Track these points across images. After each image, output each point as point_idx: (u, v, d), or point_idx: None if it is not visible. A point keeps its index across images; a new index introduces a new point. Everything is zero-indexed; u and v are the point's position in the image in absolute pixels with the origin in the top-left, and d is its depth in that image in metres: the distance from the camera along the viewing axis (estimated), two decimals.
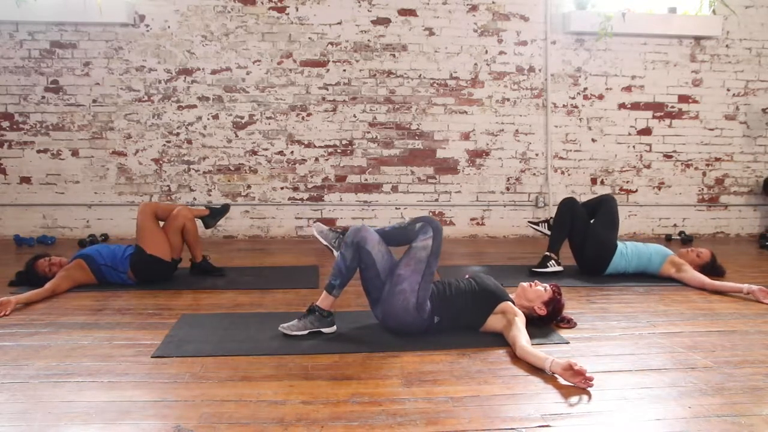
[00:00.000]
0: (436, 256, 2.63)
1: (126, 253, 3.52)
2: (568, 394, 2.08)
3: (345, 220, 5.36)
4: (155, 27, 5.07)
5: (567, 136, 5.53)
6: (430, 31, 5.28)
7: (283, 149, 5.29)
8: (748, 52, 5.61)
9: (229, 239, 5.30)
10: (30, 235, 5.08)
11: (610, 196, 4.01)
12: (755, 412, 1.97)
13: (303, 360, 2.38)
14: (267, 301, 3.28)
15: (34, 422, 1.84)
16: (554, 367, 2.18)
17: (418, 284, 2.58)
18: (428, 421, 1.87)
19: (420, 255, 2.59)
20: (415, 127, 5.37)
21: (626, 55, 5.48)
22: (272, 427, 1.82)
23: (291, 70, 5.21)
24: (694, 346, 2.59)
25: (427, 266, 2.60)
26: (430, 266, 2.61)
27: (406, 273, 2.58)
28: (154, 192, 5.23)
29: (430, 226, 2.63)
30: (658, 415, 1.94)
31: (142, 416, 1.88)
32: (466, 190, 5.47)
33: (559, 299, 2.78)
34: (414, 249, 2.61)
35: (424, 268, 2.59)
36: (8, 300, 2.97)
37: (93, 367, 2.28)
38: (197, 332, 2.69)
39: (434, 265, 2.63)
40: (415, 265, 2.58)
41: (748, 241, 5.63)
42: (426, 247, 2.59)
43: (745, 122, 5.70)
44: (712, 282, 3.56)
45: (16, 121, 5.09)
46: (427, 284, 2.61)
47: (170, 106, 5.16)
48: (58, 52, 5.04)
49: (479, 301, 2.69)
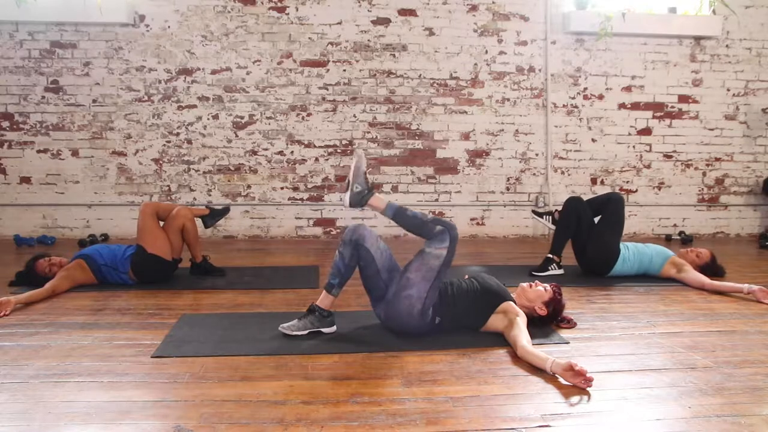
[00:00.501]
0: (448, 266, 2.61)
1: (126, 254, 3.52)
2: (568, 394, 2.08)
3: (345, 220, 5.36)
4: (155, 27, 5.07)
5: (567, 136, 5.53)
6: (430, 31, 5.28)
7: (283, 149, 5.29)
8: (748, 52, 5.61)
9: (229, 239, 5.30)
10: (30, 235, 5.08)
11: (618, 195, 3.92)
12: (755, 412, 1.96)
13: (303, 360, 2.38)
14: (267, 301, 3.28)
15: (34, 422, 1.84)
16: (555, 368, 2.18)
17: (426, 292, 2.57)
18: (428, 421, 1.86)
19: (432, 263, 2.56)
20: (415, 127, 5.37)
21: (626, 55, 5.49)
22: (272, 427, 1.82)
23: (291, 70, 5.21)
24: (694, 346, 2.59)
25: (437, 276, 2.58)
26: (440, 276, 2.60)
27: (415, 279, 2.56)
28: (154, 192, 5.23)
29: (449, 234, 2.58)
30: (658, 415, 1.94)
31: (142, 416, 1.88)
32: (466, 190, 5.47)
33: (559, 299, 2.77)
34: (427, 255, 2.58)
35: (434, 277, 2.57)
36: (8, 300, 2.97)
37: (93, 367, 2.28)
38: (197, 332, 2.69)
39: (444, 275, 2.62)
40: (425, 273, 2.56)
41: (748, 241, 5.63)
42: (440, 256, 2.57)
43: (745, 122, 5.71)
44: (712, 282, 3.56)
45: (16, 121, 5.09)
46: (434, 292, 2.60)
47: (170, 106, 5.16)
48: (58, 52, 5.04)
49: (481, 300, 2.69)
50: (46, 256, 3.52)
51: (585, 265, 3.92)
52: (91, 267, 3.45)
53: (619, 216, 3.85)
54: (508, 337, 2.52)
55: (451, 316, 2.66)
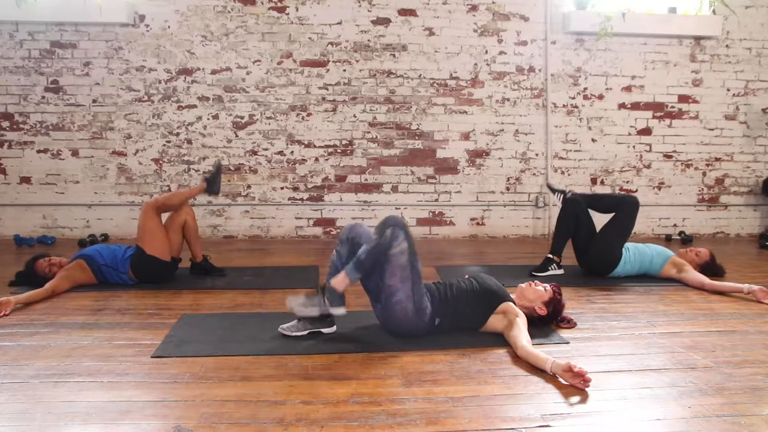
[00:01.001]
0: (414, 253, 2.59)
1: (126, 254, 3.52)
2: (568, 394, 2.08)
3: (345, 219, 5.36)
4: (155, 27, 5.07)
5: (567, 136, 5.53)
6: (430, 31, 5.28)
7: (283, 149, 5.29)
8: (748, 52, 5.61)
9: (229, 239, 5.30)
10: (30, 235, 5.08)
11: (633, 199, 3.83)
12: (755, 412, 1.96)
13: (303, 360, 2.38)
14: (267, 301, 3.27)
15: (34, 422, 1.84)
16: (555, 368, 2.18)
17: (411, 290, 2.55)
18: (428, 421, 1.86)
19: (401, 261, 2.54)
20: (415, 127, 5.37)
21: (626, 55, 5.49)
22: (272, 427, 1.82)
23: (291, 70, 5.21)
24: (694, 346, 2.59)
25: (412, 268, 2.56)
26: (415, 266, 2.58)
27: (395, 283, 2.54)
28: (154, 192, 5.23)
29: (399, 228, 2.54)
30: (658, 415, 1.94)
31: (142, 416, 1.88)
32: (466, 190, 5.47)
33: (559, 299, 2.77)
34: (393, 257, 2.54)
35: (410, 272, 2.55)
36: (8, 300, 2.97)
37: (93, 367, 2.28)
38: (197, 332, 2.69)
39: (417, 263, 2.60)
40: (401, 273, 2.54)
41: (748, 241, 5.63)
42: (403, 251, 2.54)
43: (745, 122, 5.71)
44: (712, 282, 3.56)
45: (16, 121, 5.09)
46: (418, 285, 2.59)
47: (170, 106, 5.16)
48: (58, 52, 5.04)
49: (480, 301, 2.68)
50: (46, 256, 3.52)
51: (586, 265, 3.92)
52: (92, 267, 3.45)
53: (630, 220, 3.82)
54: (508, 337, 2.52)
55: (451, 317, 2.66)
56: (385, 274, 2.56)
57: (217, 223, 5.30)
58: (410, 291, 2.55)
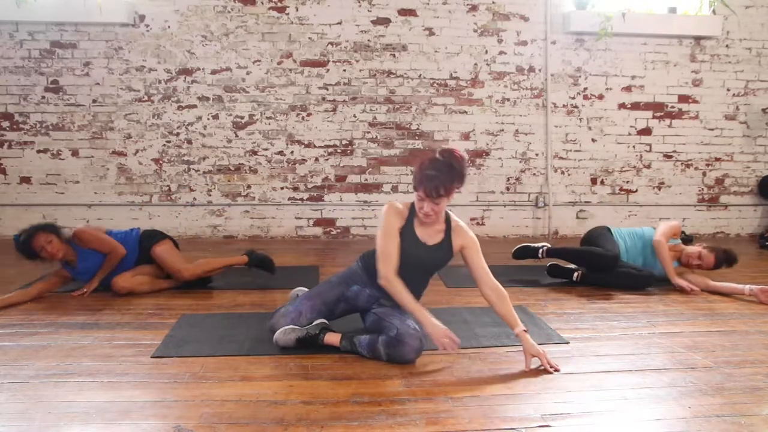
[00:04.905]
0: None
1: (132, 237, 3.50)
2: (568, 394, 2.08)
3: (345, 219, 5.36)
4: (155, 27, 5.07)
5: (567, 136, 5.53)
6: (430, 31, 5.28)
7: (283, 149, 5.29)
8: (748, 52, 5.61)
9: (229, 239, 5.30)
10: None
11: (613, 262, 3.59)
12: (755, 412, 1.97)
13: (303, 360, 2.38)
14: (267, 301, 3.28)
15: (34, 422, 1.84)
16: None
17: (414, 321, 2.38)
18: (428, 421, 1.86)
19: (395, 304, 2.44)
20: (415, 127, 5.36)
21: (626, 55, 5.48)
22: (272, 427, 1.82)
23: (291, 70, 5.21)
24: (694, 346, 2.59)
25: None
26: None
27: (401, 323, 2.38)
28: (154, 192, 5.23)
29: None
30: (658, 415, 1.94)
31: (142, 416, 1.88)
32: (466, 190, 5.47)
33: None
34: (389, 308, 2.49)
35: (401, 310, 2.43)
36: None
37: (93, 367, 2.28)
38: (197, 332, 2.69)
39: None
40: (399, 313, 2.44)
41: (748, 241, 5.63)
42: (396, 298, 2.40)
43: (745, 122, 5.70)
44: (714, 284, 3.55)
45: (16, 121, 5.09)
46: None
47: (170, 106, 5.16)
48: (58, 52, 5.04)
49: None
50: (51, 232, 3.29)
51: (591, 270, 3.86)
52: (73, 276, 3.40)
53: (600, 240, 3.75)
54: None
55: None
56: (394, 322, 2.42)
57: (217, 223, 5.30)
58: (414, 321, 2.39)
